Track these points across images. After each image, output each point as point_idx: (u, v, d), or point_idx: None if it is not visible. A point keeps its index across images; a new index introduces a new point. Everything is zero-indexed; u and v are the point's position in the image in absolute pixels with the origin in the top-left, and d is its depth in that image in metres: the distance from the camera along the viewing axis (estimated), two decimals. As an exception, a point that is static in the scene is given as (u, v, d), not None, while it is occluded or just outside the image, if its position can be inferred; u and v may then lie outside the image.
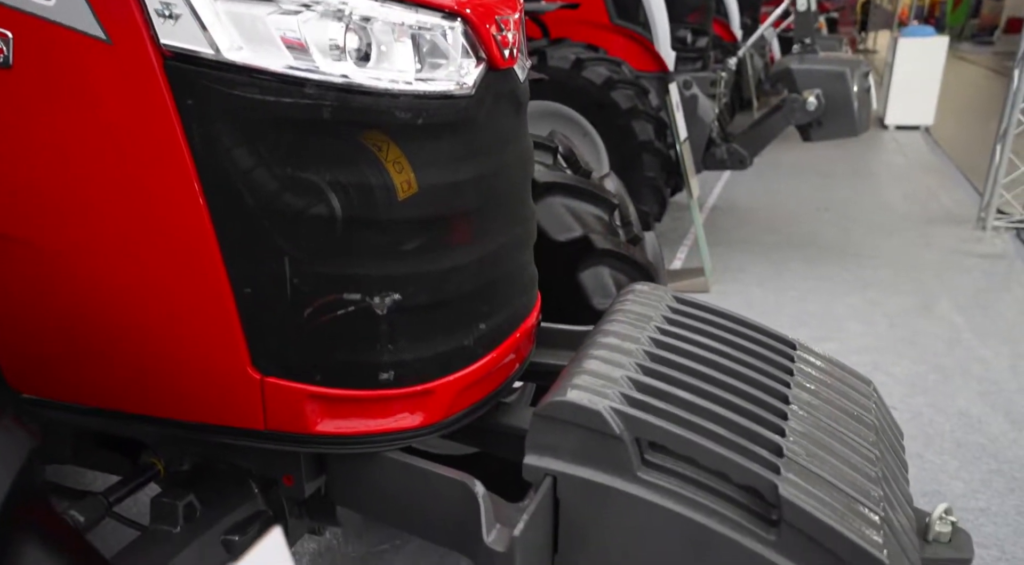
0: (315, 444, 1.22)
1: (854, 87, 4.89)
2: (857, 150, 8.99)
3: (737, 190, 7.70)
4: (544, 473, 1.16)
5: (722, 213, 6.87)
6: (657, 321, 1.40)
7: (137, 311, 1.17)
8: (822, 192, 7.52)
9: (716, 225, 6.41)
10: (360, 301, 1.19)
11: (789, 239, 6.00)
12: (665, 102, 4.82)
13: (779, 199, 7.31)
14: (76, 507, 1.33)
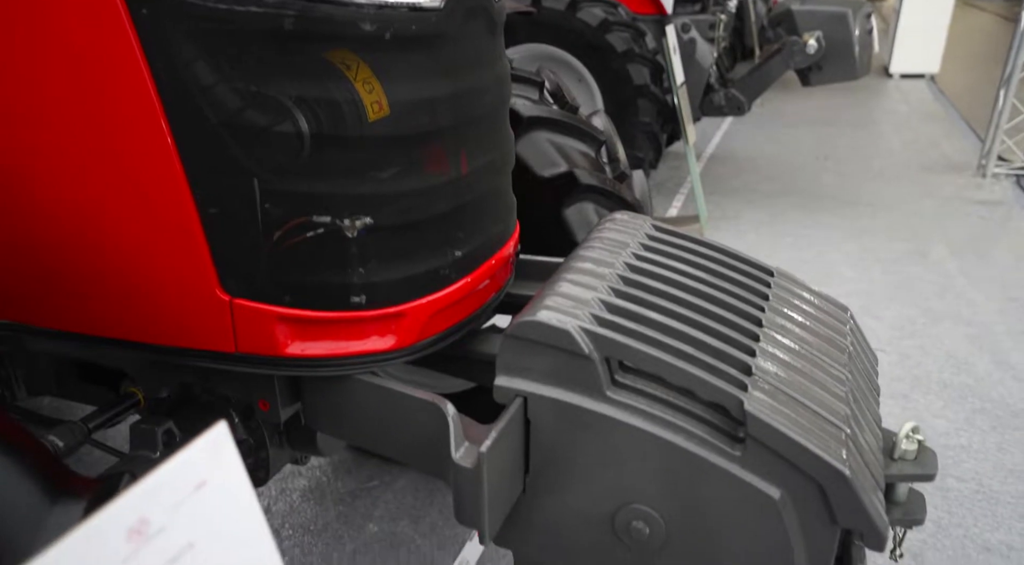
0: (286, 367, 1.22)
1: (856, 29, 4.76)
2: (860, 99, 8.84)
3: (737, 139, 7.60)
4: (514, 394, 1.16)
5: (720, 162, 6.79)
6: (634, 247, 1.39)
7: (103, 233, 1.16)
8: (823, 141, 7.42)
9: (714, 174, 6.34)
10: (330, 223, 1.18)
11: (787, 187, 5.94)
12: (662, 45, 4.70)
13: (779, 148, 7.22)
14: (54, 433, 1.35)
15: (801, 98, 8.69)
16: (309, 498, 2.51)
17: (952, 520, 2.32)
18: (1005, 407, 2.89)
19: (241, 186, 1.13)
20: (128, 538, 0.57)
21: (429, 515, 2.43)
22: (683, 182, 6.04)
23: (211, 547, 0.64)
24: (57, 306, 1.25)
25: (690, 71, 5.10)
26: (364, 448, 1.38)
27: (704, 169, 6.57)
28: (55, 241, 1.18)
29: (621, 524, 1.16)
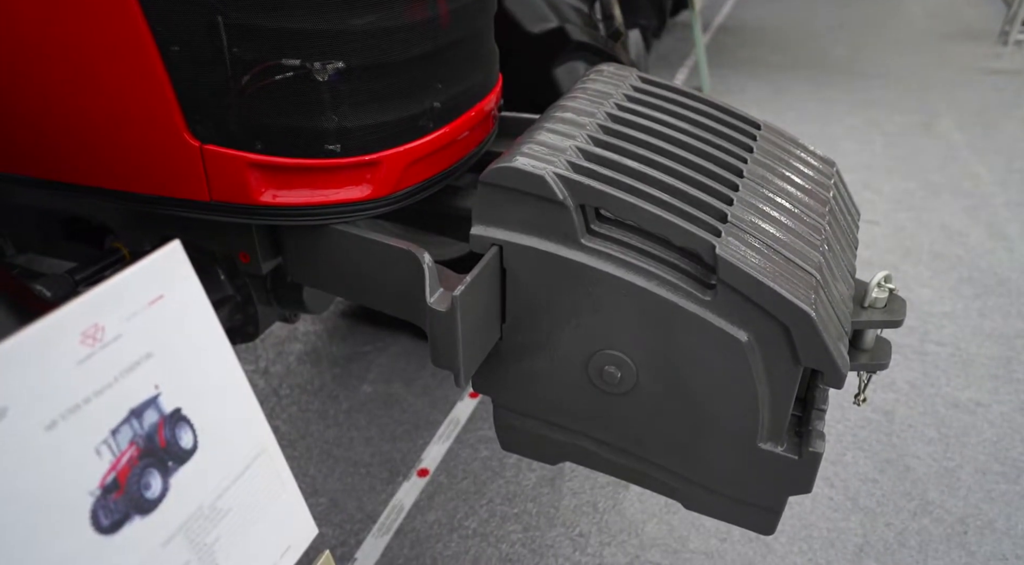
0: (261, 215, 1.21)
1: None
2: (883, -38, 8.26)
3: (747, 8, 7.18)
4: (490, 242, 1.16)
5: (729, 33, 6.45)
6: (617, 98, 1.33)
7: (77, 75, 1.11)
8: (839, 9, 7.01)
9: (721, 45, 6.05)
10: (299, 66, 1.12)
11: (795, 60, 5.69)
12: None
13: (792, 17, 6.84)
14: (42, 283, 1.36)
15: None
16: (305, 361, 2.61)
17: (926, 380, 2.41)
18: (992, 275, 2.92)
19: (203, 21, 1.07)
20: (81, 341, 0.58)
21: (421, 378, 2.53)
22: (688, 54, 5.78)
23: (171, 357, 0.66)
24: (42, 155, 1.23)
25: (700, -74, 4.73)
26: (343, 298, 1.40)
27: (711, 40, 6.25)
28: (36, 88, 1.13)
29: (594, 369, 1.19)
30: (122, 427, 0.61)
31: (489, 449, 2.26)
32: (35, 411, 0.54)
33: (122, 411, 0.61)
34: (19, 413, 0.53)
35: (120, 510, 0.60)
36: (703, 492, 1.23)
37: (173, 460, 0.65)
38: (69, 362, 0.57)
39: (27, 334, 0.54)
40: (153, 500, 0.63)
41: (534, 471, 2.18)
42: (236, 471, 0.71)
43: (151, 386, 0.63)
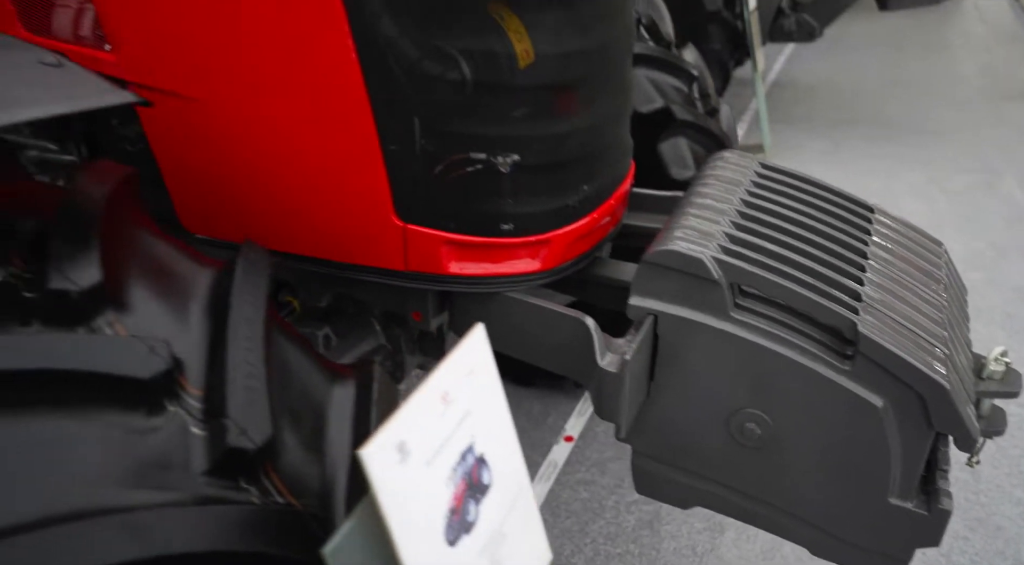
0: (449, 283, 1.43)
1: (943, -51, 4.57)
2: (932, 20, 8.42)
3: (800, 65, 7.38)
4: (647, 312, 1.35)
5: (783, 89, 6.66)
6: (746, 185, 1.53)
7: (302, 162, 1.35)
8: (892, 66, 7.17)
9: (776, 101, 6.24)
10: (485, 160, 1.35)
11: (852, 115, 5.85)
12: (737, -32, 4.59)
13: (845, 74, 7.02)
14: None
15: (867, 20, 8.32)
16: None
17: (1011, 442, 2.50)
18: (1066, 339, 3.00)
19: (415, 126, 1.31)
20: (441, 400, 0.79)
21: (518, 420, 2.70)
22: (746, 108, 5.99)
23: (479, 412, 0.86)
24: (250, 225, 1.46)
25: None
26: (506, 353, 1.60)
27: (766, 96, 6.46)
28: (260, 170, 1.37)
29: (735, 425, 1.36)
30: (458, 466, 0.80)
31: (588, 491, 2.41)
32: (423, 452, 0.74)
33: (457, 454, 0.80)
34: (416, 453, 0.73)
35: (456, 530, 0.79)
36: (832, 540, 1.38)
37: (480, 493, 0.84)
38: (436, 416, 0.78)
39: (419, 397, 0.75)
40: (472, 523, 0.82)
41: (632, 514, 2.32)
42: (510, 502, 0.90)
43: (470, 435, 0.83)
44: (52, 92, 0.85)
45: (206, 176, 1.44)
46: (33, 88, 0.85)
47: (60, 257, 0.81)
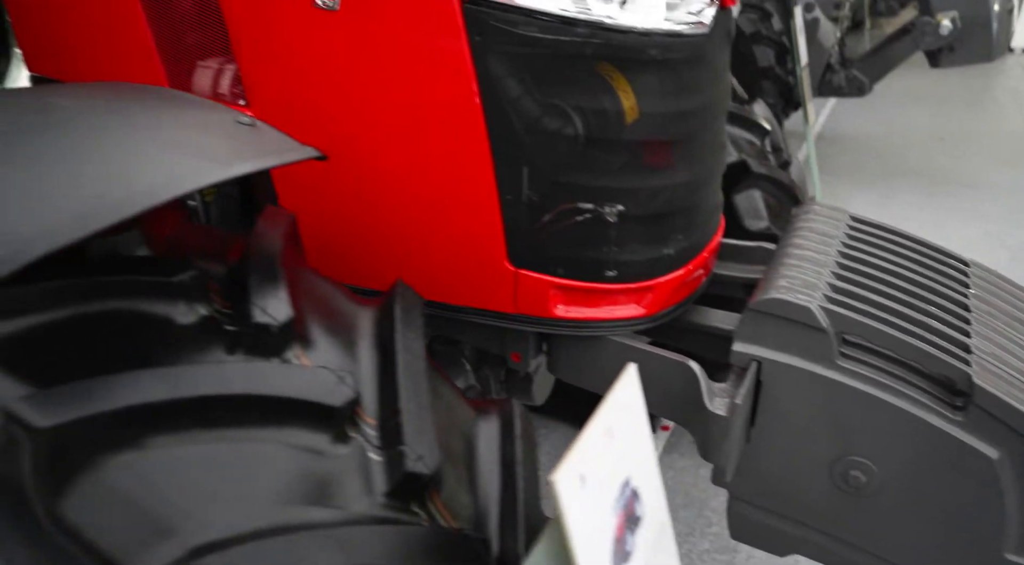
0: (555, 326, 1.49)
1: (995, 7, 4.64)
2: (978, 76, 8.42)
3: (844, 118, 7.45)
4: (751, 358, 1.39)
5: (829, 141, 6.71)
6: (840, 237, 1.58)
7: (423, 211, 1.44)
8: (937, 120, 7.19)
9: (822, 153, 6.28)
10: (593, 209, 1.43)
11: (900, 169, 5.87)
12: (788, 26, 4.72)
13: (890, 127, 7.05)
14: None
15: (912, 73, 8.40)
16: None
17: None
18: None
19: (531, 177, 1.40)
20: (605, 434, 0.84)
21: (585, 465, 2.71)
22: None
23: (633, 448, 0.91)
24: (372, 269, 1.55)
25: (811, 51, 5.09)
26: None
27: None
28: (387, 219, 1.47)
29: (839, 472, 1.38)
30: (619, 497, 0.85)
31: (660, 539, 2.40)
32: (596, 481, 0.80)
33: (619, 486, 0.85)
34: (591, 482, 0.79)
35: (619, 559, 0.84)
36: (940, 592, 1.37)
37: (635, 525, 0.89)
38: (603, 449, 0.83)
39: (589, 433, 0.80)
40: (630, 553, 0.86)
41: (705, 564, 2.30)
42: (656, 536, 0.94)
43: (627, 469, 0.88)
44: (249, 149, 0.96)
45: (325, 221, 1.54)
46: (234, 146, 0.95)
47: (259, 296, 0.89)
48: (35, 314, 0.79)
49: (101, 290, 0.84)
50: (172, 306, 0.87)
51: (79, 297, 0.83)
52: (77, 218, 0.71)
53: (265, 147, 0.98)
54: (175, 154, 0.85)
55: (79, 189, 0.75)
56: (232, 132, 0.98)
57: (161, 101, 1.08)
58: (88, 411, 0.71)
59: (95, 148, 0.83)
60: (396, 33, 1.33)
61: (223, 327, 0.89)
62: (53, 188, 0.74)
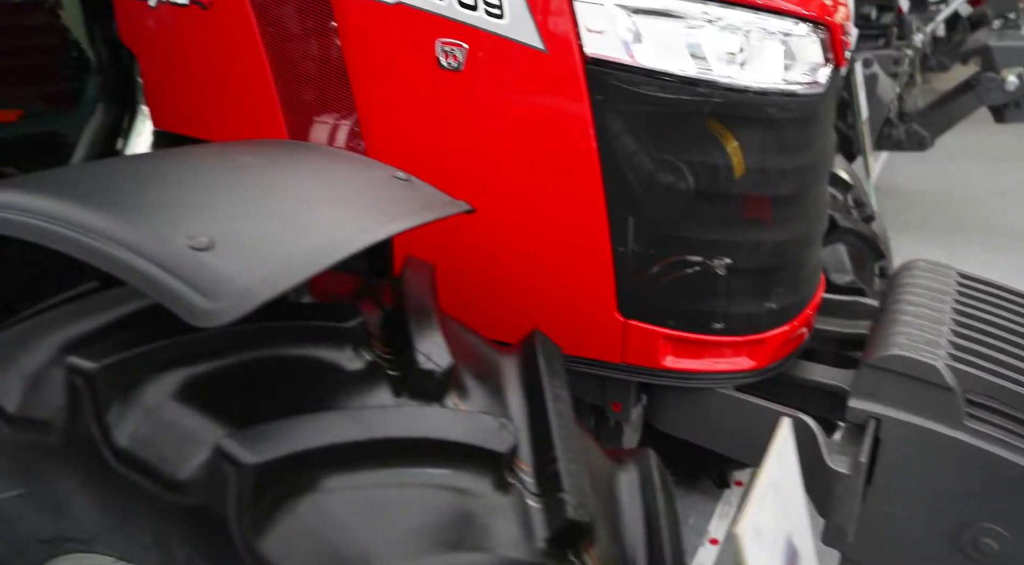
0: (663, 377, 1.50)
1: (1062, 65, 4.62)
2: (1035, 131, 8.32)
3: (899, 170, 7.36)
4: (868, 415, 1.37)
5: (884, 195, 6.61)
6: (952, 294, 1.57)
7: (536, 262, 1.48)
8: (996, 176, 7.05)
9: (880, 207, 6.21)
10: (701, 262, 1.45)
11: (961, 224, 5.75)
12: (849, 81, 4.75)
13: (947, 182, 6.94)
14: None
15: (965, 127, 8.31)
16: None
17: None
18: None
19: (643, 230, 1.43)
20: (773, 488, 0.84)
21: (660, 520, 2.65)
22: (852, 215, 5.96)
23: (791, 503, 0.90)
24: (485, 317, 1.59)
25: (871, 105, 5.10)
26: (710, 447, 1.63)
27: (873, 202, 6.43)
28: (500, 269, 1.51)
29: (968, 539, 1.33)
30: (785, 551, 0.84)
31: (744, 602, 2.31)
32: (768, 534, 0.79)
33: (784, 539, 0.85)
34: (765, 535, 0.78)
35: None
36: None
37: (797, 582, 0.87)
38: (771, 504, 0.83)
39: (761, 483, 0.81)
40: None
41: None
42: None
43: (789, 524, 0.87)
44: (414, 203, 1.01)
45: (438, 269, 1.58)
46: (401, 200, 1.00)
47: (421, 343, 0.93)
48: (227, 356, 0.84)
49: (282, 335, 0.88)
50: (341, 350, 0.91)
51: (262, 341, 0.87)
52: (288, 267, 0.76)
53: (425, 201, 1.03)
54: (357, 208, 0.90)
55: (285, 241, 0.80)
56: (394, 187, 1.03)
57: (329, 158, 1.15)
58: (290, 449, 0.75)
59: (290, 203, 0.88)
60: (518, 92, 1.40)
61: (386, 372, 0.92)
62: (263, 240, 0.80)
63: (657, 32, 1.31)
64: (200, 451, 0.77)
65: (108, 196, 0.82)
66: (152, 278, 0.72)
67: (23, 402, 0.87)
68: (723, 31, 1.30)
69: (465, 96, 1.43)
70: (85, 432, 0.81)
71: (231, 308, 0.70)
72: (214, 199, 0.86)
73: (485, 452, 0.86)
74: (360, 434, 0.79)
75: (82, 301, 0.98)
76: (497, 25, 1.36)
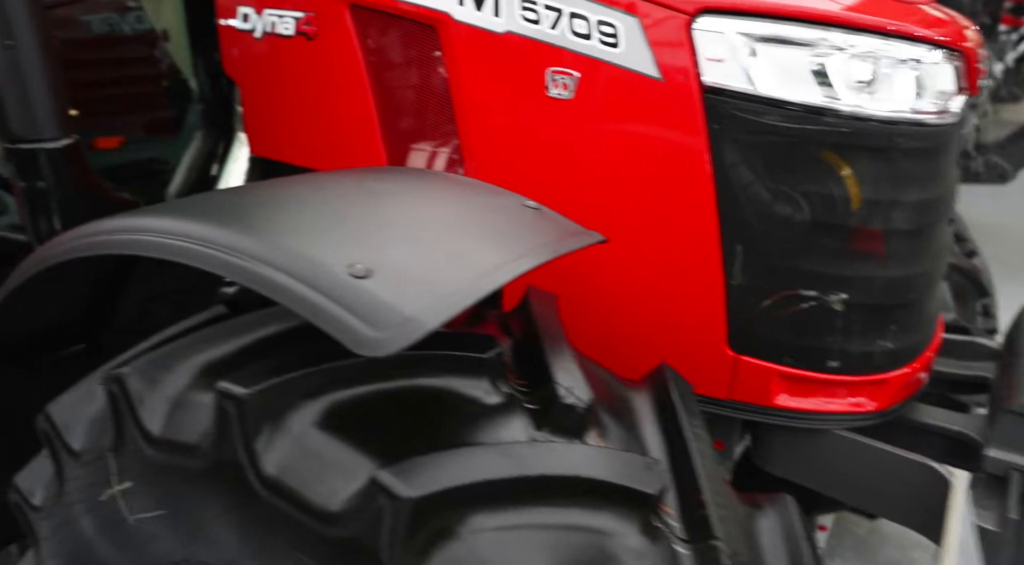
0: (774, 415, 1.43)
1: None
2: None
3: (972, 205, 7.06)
4: (1009, 466, 1.28)
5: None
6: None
7: (649, 293, 1.44)
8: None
9: (958, 243, 5.96)
10: (816, 297, 1.38)
11: (1048, 261, 5.46)
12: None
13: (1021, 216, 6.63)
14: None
15: None
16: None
17: None
18: None
19: (757, 262, 1.37)
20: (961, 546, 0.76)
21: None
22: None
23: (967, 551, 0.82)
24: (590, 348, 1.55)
25: (948, 137, 4.94)
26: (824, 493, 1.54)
27: (947, 236, 6.17)
28: (607, 296, 1.48)
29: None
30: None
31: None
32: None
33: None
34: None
35: None
36: None
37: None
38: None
39: (953, 536, 0.74)
40: None
41: None
42: None
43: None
44: (546, 234, 0.99)
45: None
46: (534, 231, 0.98)
47: (562, 376, 0.90)
48: (369, 383, 0.82)
49: (421, 363, 0.86)
50: (479, 381, 0.88)
51: (402, 369, 0.86)
52: (447, 295, 0.74)
53: (561, 230, 1.01)
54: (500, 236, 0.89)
55: (440, 269, 0.78)
56: (527, 215, 1.02)
57: (459, 186, 1.15)
58: (447, 483, 0.72)
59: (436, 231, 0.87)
60: (631, 121, 1.38)
61: (524, 405, 0.89)
62: (418, 269, 0.78)
63: (781, 60, 1.27)
64: (351, 482, 0.75)
65: (263, 224, 0.82)
66: (316, 305, 0.72)
67: (166, 424, 0.87)
68: (852, 59, 1.26)
69: (574, 125, 1.42)
70: (232, 458, 0.80)
71: (396, 337, 0.69)
72: (363, 227, 0.85)
73: (634, 493, 0.82)
74: (513, 470, 0.76)
75: (216, 326, 0.98)
76: (611, 54, 1.35)
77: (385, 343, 0.69)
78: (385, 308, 0.71)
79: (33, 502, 1.06)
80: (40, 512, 1.05)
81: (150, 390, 0.89)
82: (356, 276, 0.74)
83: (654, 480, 0.83)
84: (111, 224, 0.92)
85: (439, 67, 1.62)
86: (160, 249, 0.83)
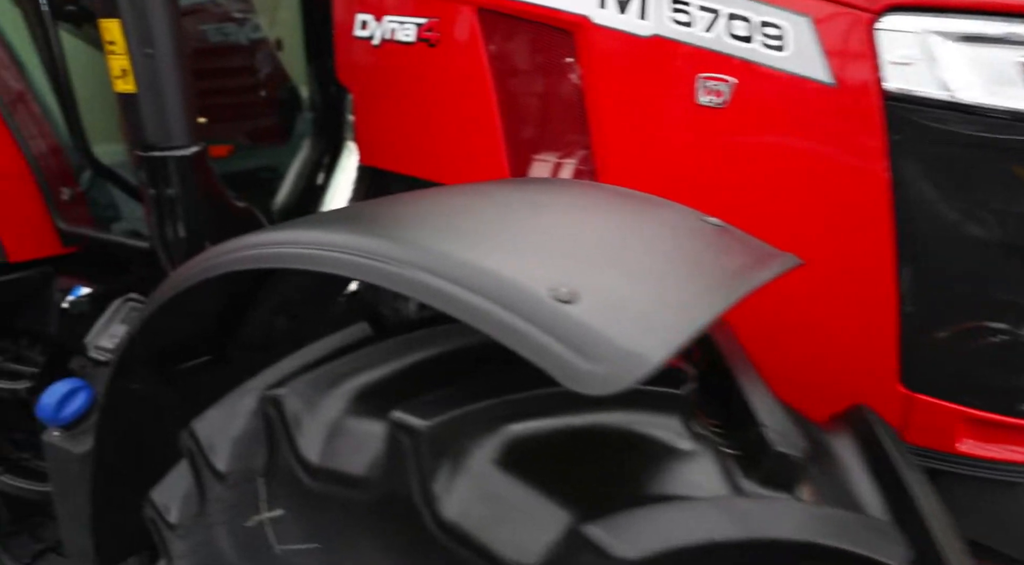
0: (956, 463, 1.26)
1: None
2: None
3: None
4: None
5: None
6: None
7: (809, 318, 1.31)
8: None
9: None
10: (1007, 330, 1.22)
11: None
12: None
13: None
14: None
15: None
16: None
17: None
18: None
19: (938, 288, 1.22)
20: None
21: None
22: None
23: None
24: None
25: None
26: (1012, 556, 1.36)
27: None
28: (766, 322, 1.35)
29: None
30: None
31: None
32: None
33: None
34: None
35: None
36: None
37: None
38: None
39: None
40: None
41: None
42: None
43: None
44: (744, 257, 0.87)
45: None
46: (731, 254, 0.87)
47: (769, 419, 0.78)
48: (551, 417, 0.73)
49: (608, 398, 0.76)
50: (669, 419, 0.77)
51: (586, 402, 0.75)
52: (667, 327, 0.64)
53: (757, 253, 0.90)
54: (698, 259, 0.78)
55: (648, 297, 0.68)
56: (716, 234, 0.91)
57: (631, 200, 1.05)
58: (668, 544, 0.62)
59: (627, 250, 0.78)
60: (796, 131, 1.25)
61: (722, 450, 0.78)
62: (625, 294, 0.68)
63: (985, 62, 1.12)
64: (543, 532, 0.66)
65: (446, 240, 0.74)
66: (521, 333, 0.62)
67: (324, 452, 0.80)
68: (1074, 58, 1.10)
69: (728, 136, 1.30)
70: (404, 495, 0.72)
71: (620, 374, 0.59)
72: (550, 244, 0.76)
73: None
74: (740, 532, 0.65)
75: (371, 348, 0.90)
76: (775, 58, 1.22)
77: (608, 380, 0.59)
78: (601, 340, 0.61)
79: (169, 519, 1.01)
80: (176, 530, 1.00)
81: (309, 414, 0.82)
82: (561, 300, 0.64)
83: (898, 551, 0.70)
84: (275, 237, 0.86)
85: (571, 74, 1.53)
86: (346, 267, 0.76)
